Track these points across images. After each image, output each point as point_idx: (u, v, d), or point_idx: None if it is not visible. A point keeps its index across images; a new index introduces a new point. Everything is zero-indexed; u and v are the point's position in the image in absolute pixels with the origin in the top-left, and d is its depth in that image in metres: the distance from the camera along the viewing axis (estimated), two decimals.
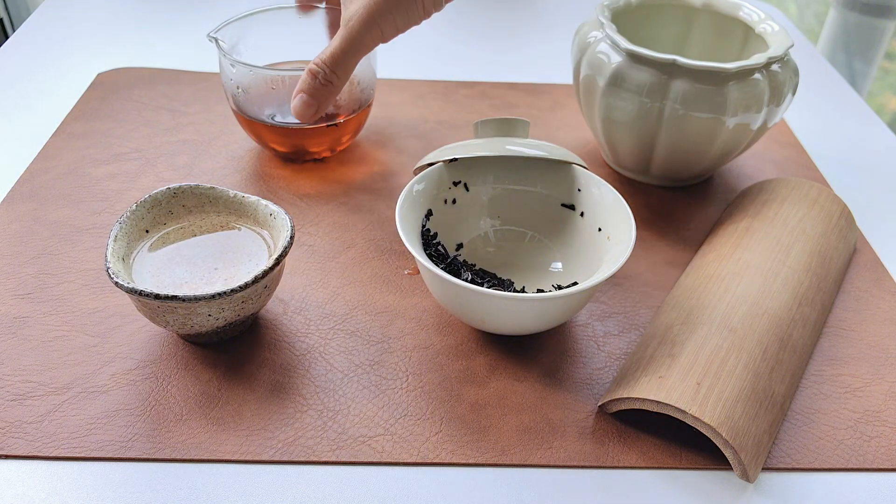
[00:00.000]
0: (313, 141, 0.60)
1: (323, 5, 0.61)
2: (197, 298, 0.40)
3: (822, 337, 0.49)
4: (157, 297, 0.40)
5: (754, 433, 0.39)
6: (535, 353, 0.46)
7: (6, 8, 1.30)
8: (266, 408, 0.42)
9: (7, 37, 1.32)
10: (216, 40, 0.56)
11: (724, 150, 0.56)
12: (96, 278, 0.50)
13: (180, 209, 0.48)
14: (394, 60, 0.79)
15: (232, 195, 0.48)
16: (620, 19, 0.62)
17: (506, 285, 0.49)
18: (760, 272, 0.48)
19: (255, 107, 0.59)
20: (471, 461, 0.40)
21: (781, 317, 0.46)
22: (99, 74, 0.73)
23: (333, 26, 0.62)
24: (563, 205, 0.51)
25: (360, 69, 0.58)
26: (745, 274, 0.48)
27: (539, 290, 0.49)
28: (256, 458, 0.40)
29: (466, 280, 0.48)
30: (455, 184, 0.51)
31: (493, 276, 0.50)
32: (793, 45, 0.55)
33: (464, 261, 0.50)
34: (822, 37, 1.07)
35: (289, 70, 0.55)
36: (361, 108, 0.60)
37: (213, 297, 0.40)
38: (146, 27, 0.84)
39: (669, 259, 0.54)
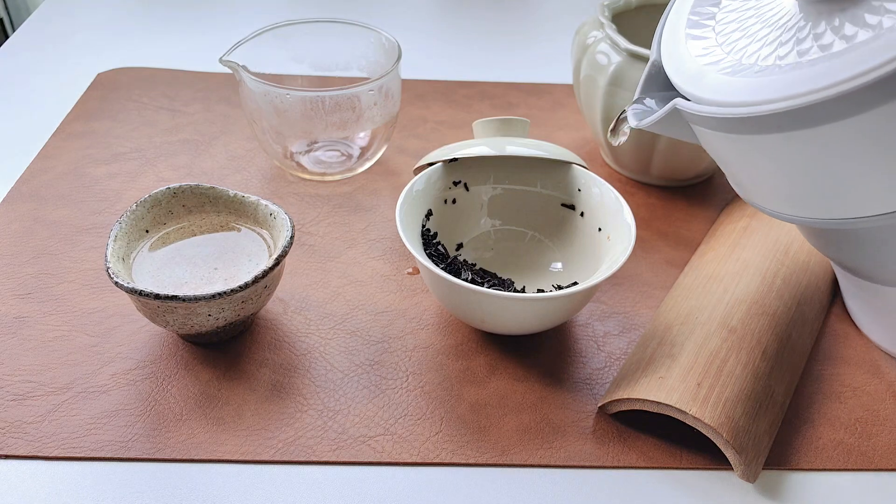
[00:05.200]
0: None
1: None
2: (197, 298, 0.40)
3: (821, 337, 0.49)
4: (157, 297, 0.40)
5: (755, 433, 0.39)
6: (535, 353, 0.46)
7: (6, 8, 1.30)
8: (266, 408, 0.42)
9: (7, 37, 1.32)
10: (235, 65, 0.54)
11: None
12: (96, 278, 0.50)
13: (180, 209, 0.48)
14: None
15: (232, 195, 0.48)
16: (620, 19, 0.62)
17: (506, 285, 0.49)
18: (759, 272, 0.48)
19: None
20: (471, 461, 0.40)
21: (781, 316, 0.46)
22: (99, 74, 0.73)
23: None
24: (563, 205, 0.51)
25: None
26: (744, 274, 0.48)
27: (539, 290, 0.49)
28: (256, 458, 0.40)
29: (466, 280, 0.48)
30: (455, 184, 0.51)
31: (493, 276, 0.50)
32: None
33: (464, 261, 0.50)
34: None
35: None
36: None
37: (213, 297, 0.40)
38: (146, 27, 0.84)
39: (669, 259, 0.54)
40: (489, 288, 0.47)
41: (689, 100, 0.37)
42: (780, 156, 0.35)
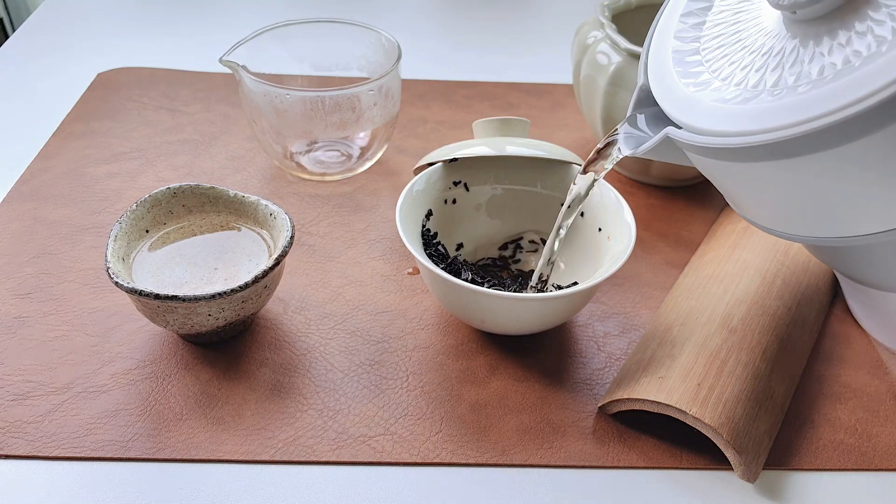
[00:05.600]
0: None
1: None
2: (197, 298, 0.40)
3: (822, 337, 0.49)
4: (157, 296, 0.40)
5: (755, 434, 0.39)
6: (535, 353, 0.46)
7: (6, 8, 1.30)
8: (266, 408, 0.42)
9: (7, 37, 1.32)
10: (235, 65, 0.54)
11: None
12: (96, 278, 0.50)
13: (180, 209, 0.48)
14: None
15: (232, 195, 0.48)
16: (620, 19, 0.62)
17: (506, 285, 0.49)
18: (759, 272, 0.48)
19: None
20: (471, 461, 0.40)
21: (781, 317, 0.46)
22: (99, 74, 0.73)
23: None
24: (562, 205, 0.51)
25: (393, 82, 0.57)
26: (744, 274, 0.48)
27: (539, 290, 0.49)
28: (256, 458, 0.40)
29: (466, 280, 0.48)
30: (455, 184, 0.51)
31: (494, 275, 0.50)
32: None
33: (464, 261, 0.50)
34: None
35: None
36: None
37: (213, 297, 0.40)
38: (146, 27, 0.84)
39: (669, 259, 0.54)
40: (489, 288, 0.47)
41: (680, 127, 0.37)
42: (774, 181, 0.34)
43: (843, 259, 0.42)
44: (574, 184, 0.43)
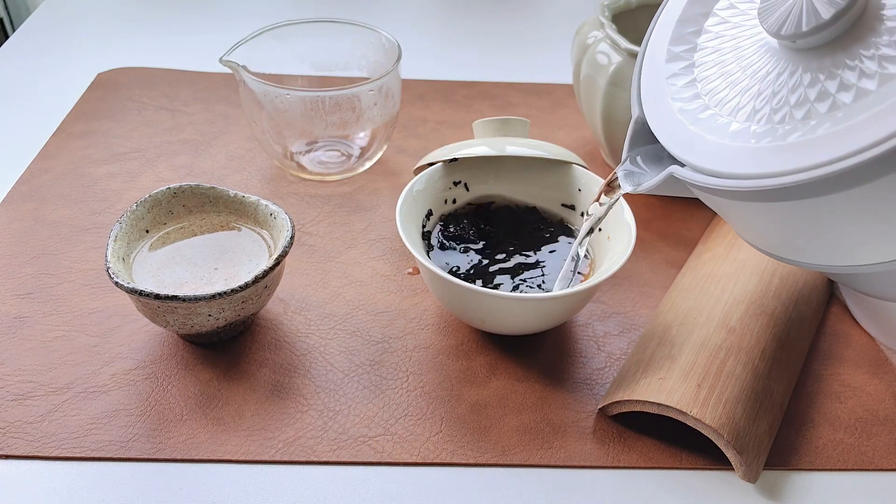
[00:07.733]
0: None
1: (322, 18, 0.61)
2: (197, 298, 0.40)
3: (821, 337, 0.49)
4: (157, 297, 0.40)
5: (755, 434, 0.39)
6: (535, 353, 0.46)
7: (6, 8, 1.30)
8: (266, 408, 0.42)
9: (7, 37, 1.32)
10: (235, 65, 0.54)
11: None
12: (96, 278, 0.50)
13: (180, 209, 0.48)
14: None
15: (232, 195, 0.48)
16: (620, 19, 0.62)
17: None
18: (757, 271, 0.48)
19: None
20: (471, 461, 0.40)
21: (779, 316, 0.46)
22: (99, 74, 0.73)
23: None
24: (563, 205, 0.51)
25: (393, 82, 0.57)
26: (741, 273, 0.48)
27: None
28: (256, 458, 0.40)
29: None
30: (455, 184, 0.51)
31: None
32: None
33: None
34: None
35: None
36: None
37: (213, 297, 0.40)
38: (146, 27, 0.84)
39: (669, 259, 0.54)
40: (489, 288, 0.47)
41: (682, 164, 0.36)
42: (782, 216, 0.33)
43: (841, 276, 0.42)
44: (589, 214, 0.43)
